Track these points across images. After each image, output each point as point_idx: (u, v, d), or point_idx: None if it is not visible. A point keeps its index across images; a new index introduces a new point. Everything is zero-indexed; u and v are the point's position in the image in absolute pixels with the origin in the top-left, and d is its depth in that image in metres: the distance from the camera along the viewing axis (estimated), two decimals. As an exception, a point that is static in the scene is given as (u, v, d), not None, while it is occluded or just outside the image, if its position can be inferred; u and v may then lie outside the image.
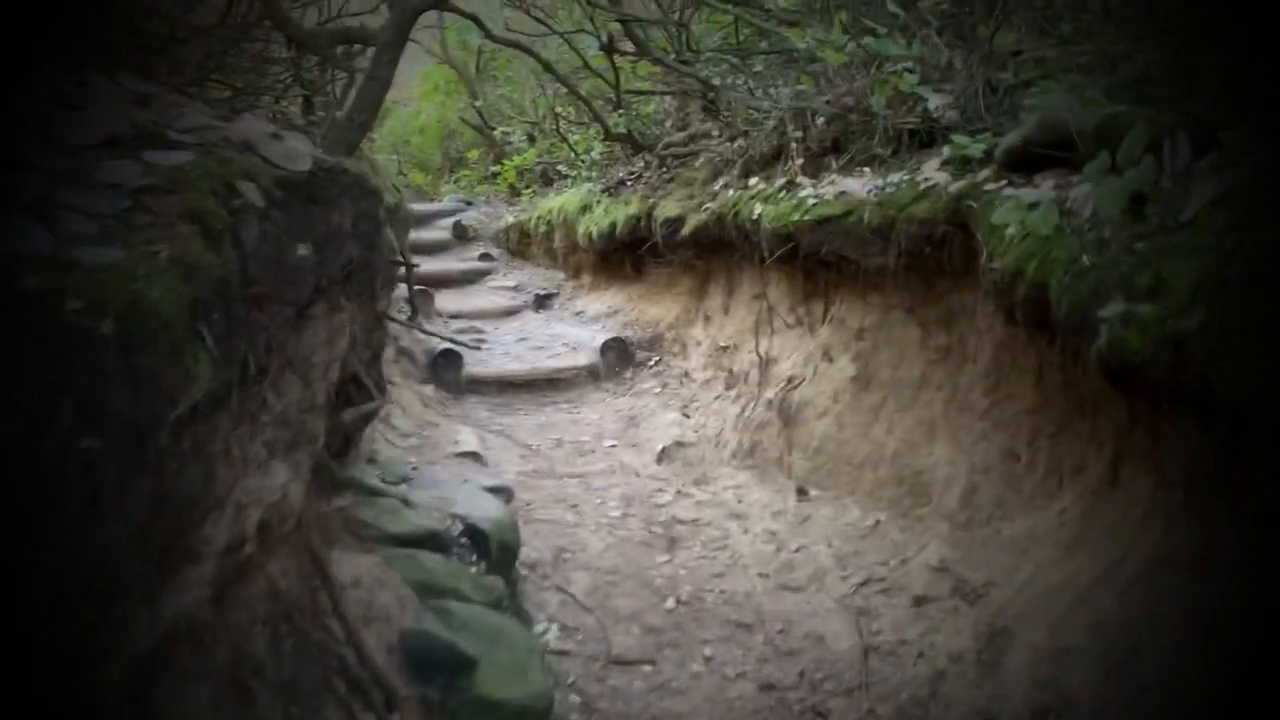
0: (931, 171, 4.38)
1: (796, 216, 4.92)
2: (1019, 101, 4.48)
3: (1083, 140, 3.47)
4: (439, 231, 10.47)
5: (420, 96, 13.40)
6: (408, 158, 13.34)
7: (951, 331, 4.47)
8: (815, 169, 5.23)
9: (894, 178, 4.55)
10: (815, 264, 5.12)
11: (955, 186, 4.10)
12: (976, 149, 4.23)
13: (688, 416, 5.74)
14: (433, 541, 3.22)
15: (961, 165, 4.29)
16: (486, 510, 3.61)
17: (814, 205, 4.85)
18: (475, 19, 7.56)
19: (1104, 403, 3.40)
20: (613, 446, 5.58)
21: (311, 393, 1.93)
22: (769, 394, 5.33)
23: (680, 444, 5.40)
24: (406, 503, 3.38)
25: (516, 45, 7.96)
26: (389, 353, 6.34)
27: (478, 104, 11.47)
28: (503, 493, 4.57)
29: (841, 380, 4.90)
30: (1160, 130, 3.13)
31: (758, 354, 5.53)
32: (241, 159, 1.82)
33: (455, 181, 11.89)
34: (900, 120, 4.85)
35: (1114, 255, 2.92)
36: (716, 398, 5.75)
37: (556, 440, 5.68)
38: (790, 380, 5.19)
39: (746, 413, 5.42)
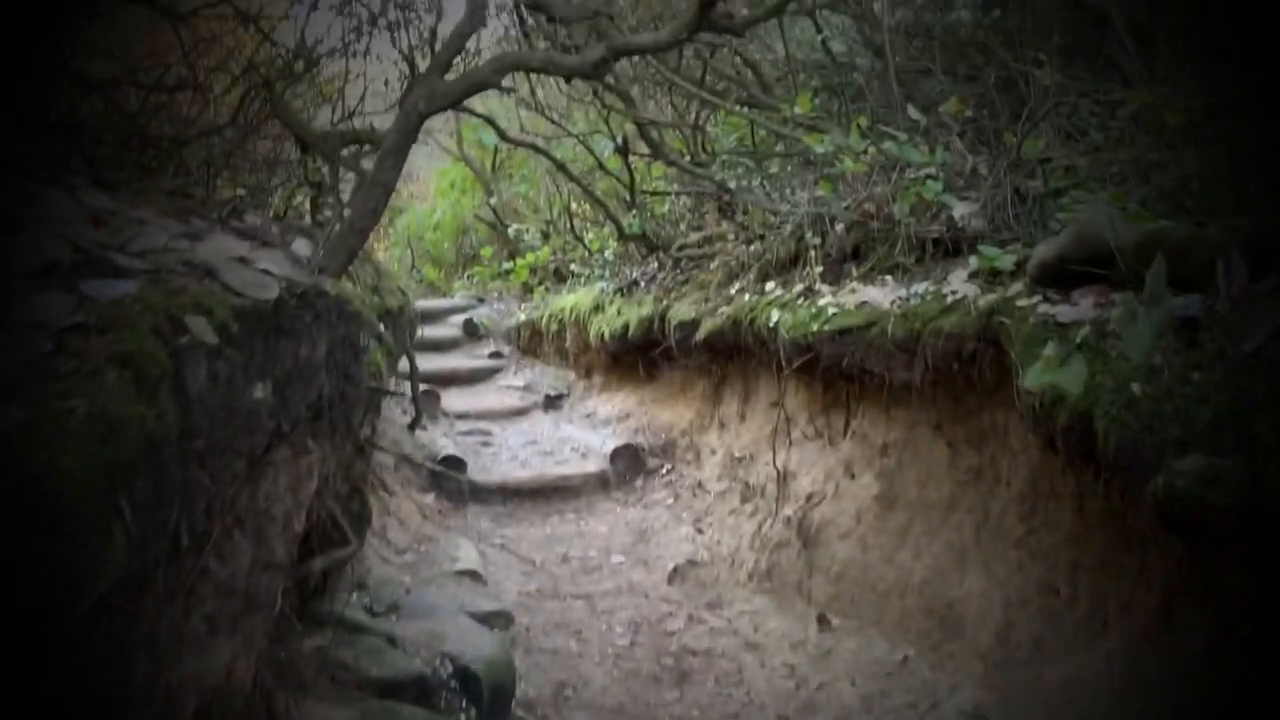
0: (959, 283, 4.17)
1: (816, 326, 4.70)
2: (1050, 211, 4.29)
3: (1123, 256, 3.26)
4: (449, 328, 10.33)
5: (436, 193, 13.46)
6: (422, 253, 13.33)
7: (982, 451, 4.20)
8: (835, 276, 5.04)
9: (918, 288, 4.35)
10: (836, 374, 4.89)
11: (985, 300, 3.88)
12: (1007, 261, 4.03)
13: (701, 532, 5.44)
14: (419, 687, 2.92)
15: (991, 277, 4.08)
16: (480, 648, 3.31)
17: (834, 315, 4.64)
18: (490, 120, 7.54)
19: (1155, 538, 3.11)
20: (621, 563, 5.28)
21: (268, 550, 1.69)
22: (788, 511, 5.04)
23: (693, 563, 5.10)
24: (392, 640, 3.09)
25: (531, 146, 7.95)
26: (388, 460, 6.11)
27: (492, 201, 11.46)
28: (501, 618, 4.27)
29: (865, 499, 4.62)
30: (1211, 249, 2.92)
31: (775, 467, 5.25)
32: (198, 287, 1.60)
33: (468, 278, 11.82)
34: (924, 228, 4.67)
35: (1167, 385, 2.67)
36: (731, 512, 5.46)
37: (562, 555, 5.38)
38: (810, 497, 4.91)
39: (764, 530, 5.12)
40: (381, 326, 5.32)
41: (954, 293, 4.11)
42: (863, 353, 4.49)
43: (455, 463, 6.20)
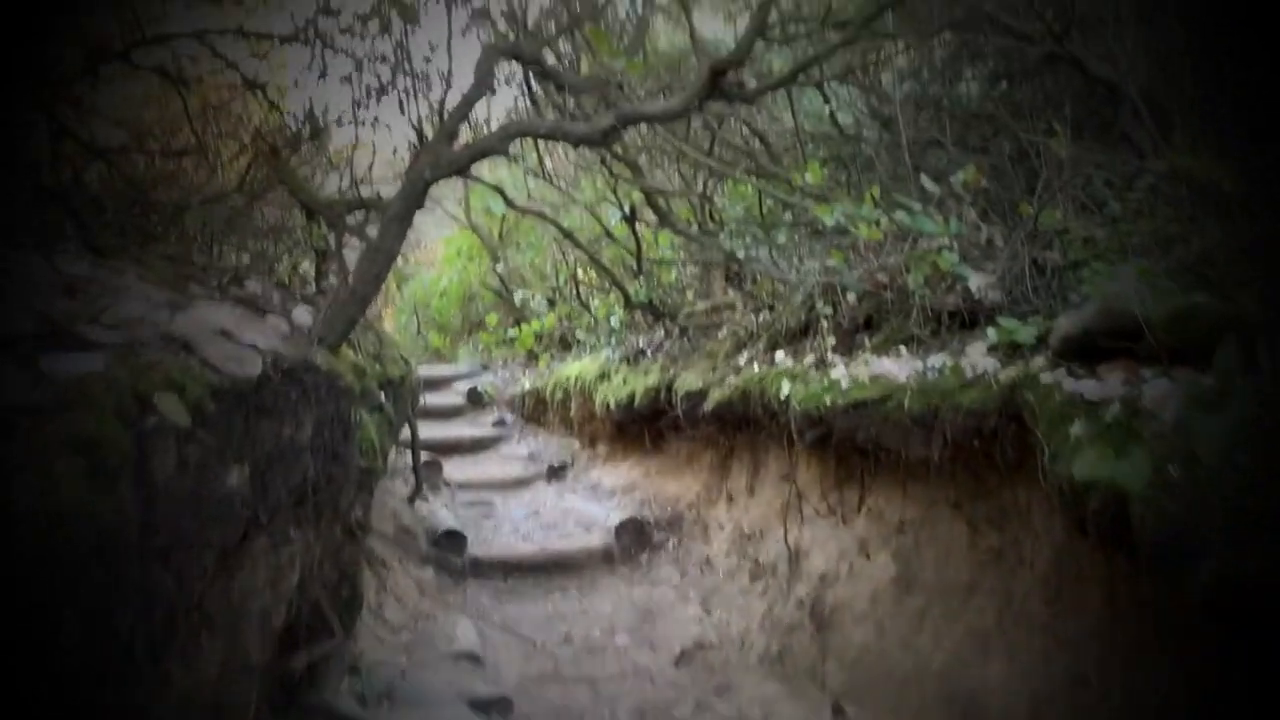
0: (978, 356, 4.04)
1: (829, 399, 4.56)
2: (1069, 284, 4.18)
3: (1152, 330, 3.13)
4: (453, 396, 10.21)
5: (443, 261, 13.46)
6: (427, 320, 13.28)
7: (1004, 531, 4.03)
8: (847, 346, 4.92)
9: (935, 361, 4.22)
10: (849, 449, 4.74)
11: (1006, 374, 3.75)
12: (1028, 334, 3.91)
13: (709, 612, 5.23)
14: (409, 786, 2.72)
15: (1011, 351, 3.95)
16: (476, 741, 3.11)
17: (848, 387, 4.51)
18: (498, 189, 7.50)
19: (1197, 628, 2.92)
20: (626, 645, 5.06)
21: (242, 651, 1.54)
22: (800, 591, 4.84)
23: (701, 645, 4.88)
24: (382, 734, 2.90)
25: (539, 214, 7.90)
26: (389, 528, 5.94)
27: (499, 268, 11.43)
28: (500, 705, 4.06)
29: (881, 580, 4.43)
30: (1247, 324, 2.79)
31: (787, 544, 5.07)
32: (172, 362, 1.47)
33: (473, 344, 11.74)
34: (939, 300, 4.56)
35: (1210, 468, 2.52)
36: (741, 591, 5.25)
37: (564, 635, 5.16)
38: (823, 577, 4.71)
39: (775, 611, 4.92)
40: (382, 396, 5.22)
41: (973, 366, 3.98)
42: (878, 427, 4.34)
43: (455, 537, 6.02)
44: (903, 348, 4.57)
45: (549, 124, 4.07)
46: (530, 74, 4.74)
